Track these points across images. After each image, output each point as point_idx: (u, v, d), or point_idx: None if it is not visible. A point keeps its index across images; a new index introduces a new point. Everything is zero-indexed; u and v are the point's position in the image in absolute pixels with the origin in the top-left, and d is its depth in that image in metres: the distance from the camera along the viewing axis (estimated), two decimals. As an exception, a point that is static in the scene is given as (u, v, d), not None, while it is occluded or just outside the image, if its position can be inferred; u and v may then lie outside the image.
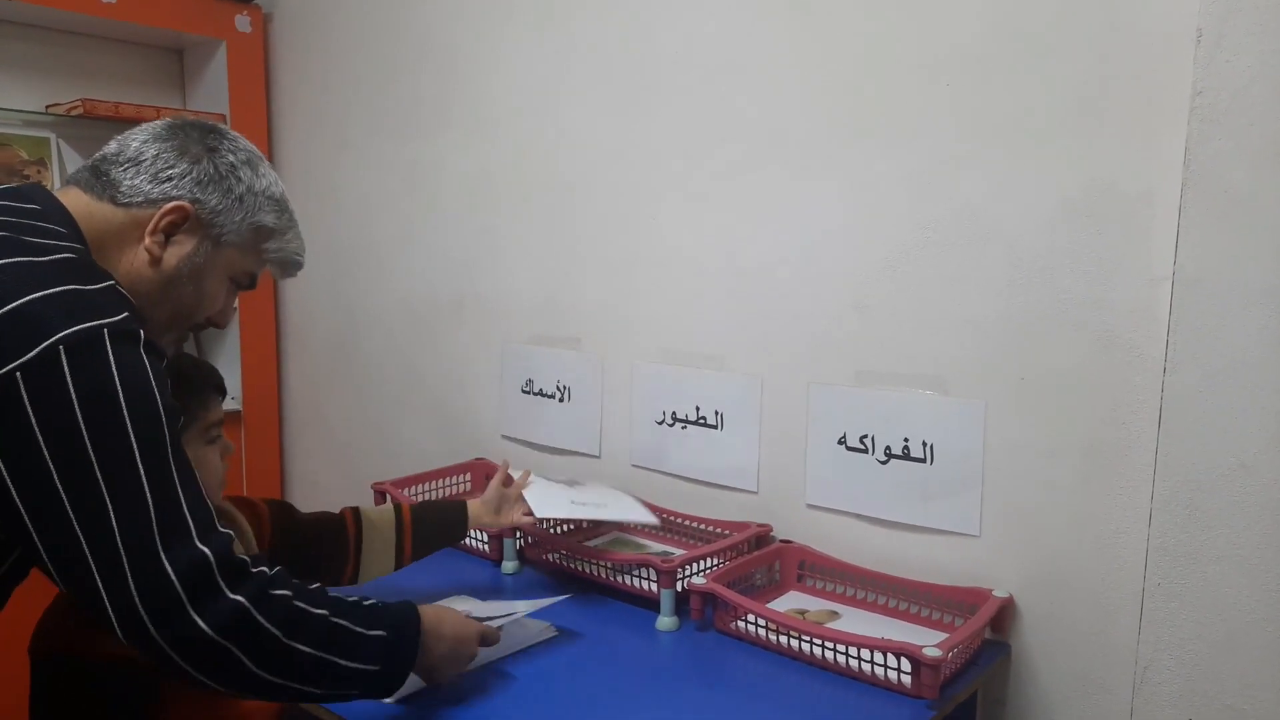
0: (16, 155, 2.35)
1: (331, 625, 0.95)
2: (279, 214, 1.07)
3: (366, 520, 1.37)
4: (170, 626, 0.84)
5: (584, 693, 1.21)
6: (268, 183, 1.05)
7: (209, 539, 0.87)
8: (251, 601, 0.88)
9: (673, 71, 1.68)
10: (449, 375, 2.20)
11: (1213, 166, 1.04)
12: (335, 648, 0.95)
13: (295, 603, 0.92)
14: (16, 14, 2.29)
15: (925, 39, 1.37)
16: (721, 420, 1.67)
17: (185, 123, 1.04)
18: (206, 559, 0.86)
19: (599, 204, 1.83)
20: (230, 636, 0.86)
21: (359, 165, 2.37)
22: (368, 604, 1.02)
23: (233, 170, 1.02)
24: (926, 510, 1.42)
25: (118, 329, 0.85)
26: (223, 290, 1.07)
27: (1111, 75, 1.22)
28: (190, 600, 0.84)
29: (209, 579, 0.86)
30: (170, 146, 1.00)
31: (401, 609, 1.06)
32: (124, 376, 0.84)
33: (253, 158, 1.06)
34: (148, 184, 0.98)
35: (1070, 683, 1.32)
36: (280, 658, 0.90)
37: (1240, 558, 1.06)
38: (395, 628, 1.02)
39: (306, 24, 2.50)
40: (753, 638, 1.34)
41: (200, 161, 1.01)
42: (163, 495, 0.85)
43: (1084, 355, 1.27)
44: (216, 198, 1.01)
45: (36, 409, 0.80)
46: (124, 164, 0.99)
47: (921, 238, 1.40)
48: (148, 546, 0.83)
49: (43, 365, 0.80)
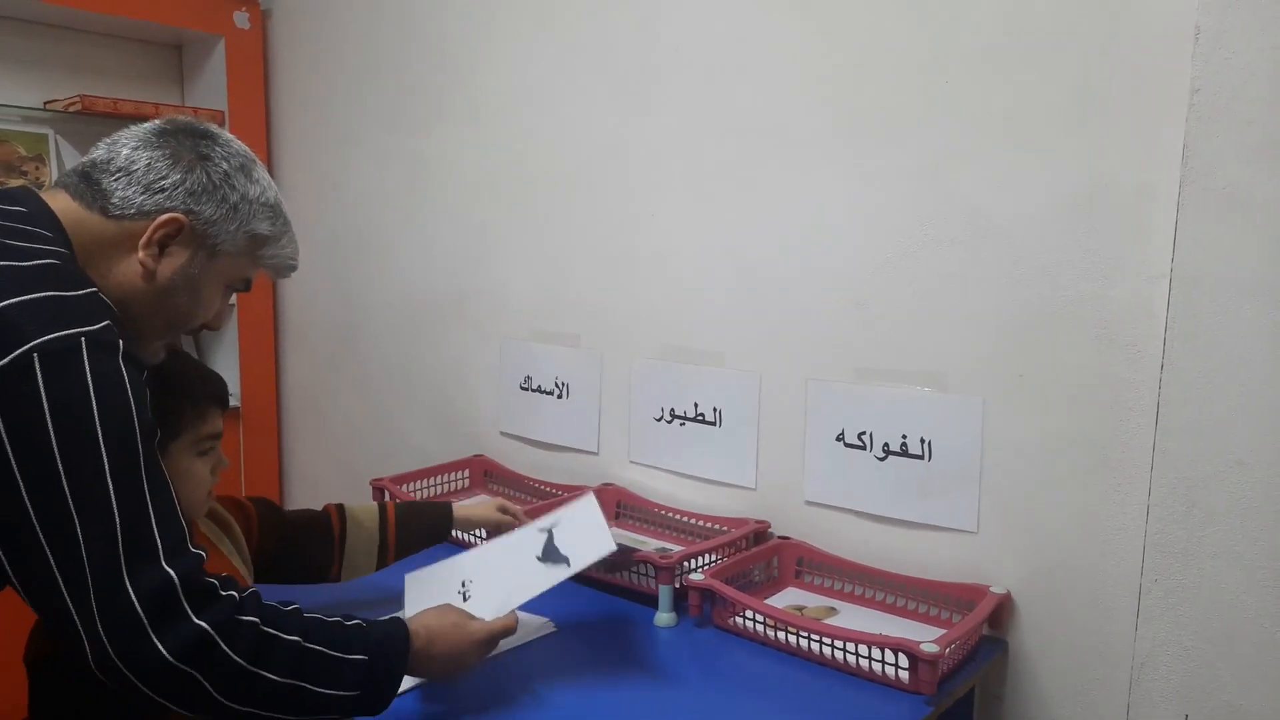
0: (15, 151, 2.35)
1: (304, 651, 0.92)
2: (273, 220, 1.04)
3: (351, 519, 1.36)
4: (132, 652, 0.82)
5: (582, 688, 1.21)
6: (261, 189, 1.03)
7: (176, 560, 0.85)
8: (216, 628, 0.86)
9: (673, 67, 1.68)
10: (448, 372, 2.20)
11: (1211, 164, 1.05)
12: (308, 675, 0.92)
13: (264, 629, 0.90)
14: (15, 9, 2.28)
15: (925, 36, 1.37)
16: (720, 417, 1.67)
17: (176, 127, 1.01)
18: (171, 582, 0.84)
19: (599, 200, 1.83)
20: (192, 663, 0.84)
21: (358, 161, 2.37)
22: (350, 625, 0.99)
23: (226, 179, 0.99)
24: (924, 507, 1.43)
25: (96, 338, 0.83)
26: (218, 296, 1.05)
27: (1110, 72, 1.22)
28: (152, 625, 0.82)
29: (173, 603, 0.84)
30: (162, 155, 0.97)
31: (389, 629, 1.03)
32: (99, 388, 0.82)
33: (246, 163, 1.02)
34: (140, 195, 0.95)
35: (1067, 678, 1.33)
36: (245, 686, 0.88)
37: (1237, 554, 1.06)
38: (379, 652, 0.99)
39: (305, 20, 2.49)
40: (751, 634, 1.34)
41: (193, 170, 0.97)
42: (132, 513, 0.83)
43: (1082, 352, 1.27)
44: (211, 208, 0.98)
45: (6, 417, 0.78)
46: (114, 173, 0.96)
47: (920, 234, 1.40)
48: (112, 569, 0.81)
49: (16, 372, 0.78)
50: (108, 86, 2.48)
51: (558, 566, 1.25)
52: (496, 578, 1.28)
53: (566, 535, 1.30)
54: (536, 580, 1.24)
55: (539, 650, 1.31)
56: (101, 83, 2.49)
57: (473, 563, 1.32)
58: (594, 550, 1.25)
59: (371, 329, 2.39)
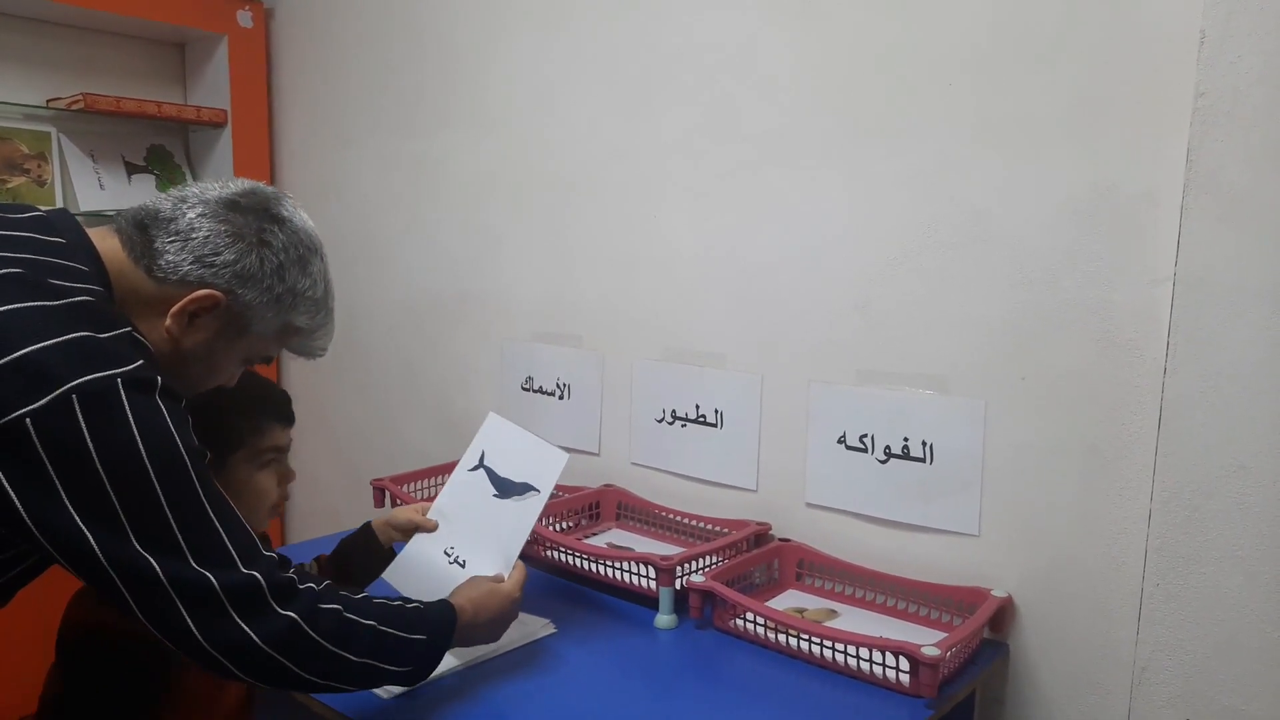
0: (17, 149, 2.35)
1: (379, 634, 0.98)
2: (313, 315, 1.04)
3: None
4: (225, 641, 0.86)
5: (582, 690, 1.21)
6: (311, 282, 1.01)
7: (255, 564, 0.88)
8: (303, 615, 0.90)
9: (676, 70, 1.68)
10: (449, 373, 2.20)
11: (1215, 168, 1.05)
12: (382, 654, 0.98)
13: (346, 614, 0.95)
14: (19, 7, 2.29)
15: (928, 40, 1.37)
16: (721, 419, 1.67)
17: (251, 202, 0.98)
18: (255, 581, 0.87)
19: (601, 202, 1.83)
20: (280, 649, 0.89)
21: (360, 162, 2.37)
22: (410, 607, 1.05)
23: (279, 270, 0.97)
24: (926, 510, 1.43)
25: (132, 377, 0.83)
26: (235, 368, 1.04)
27: (1114, 76, 1.22)
28: (242, 618, 0.86)
29: (259, 599, 0.88)
30: (224, 230, 0.95)
31: (440, 611, 1.09)
32: (141, 427, 0.82)
33: (306, 254, 1.00)
34: (188, 264, 0.93)
35: (1068, 682, 1.33)
36: (330, 665, 0.94)
37: (1239, 559, 1.06)
38: (434, 631, 1.05)
39: (308, 20, 2.49)
40: (751, 636, 1.34)
41: (249, 254, 0.95)
42: (199, 534, 0.85)
43: (1085, 356, 1.27)
44: (254, 294, 0.96)
45: (51, 454, 0.78)
46: (172, 235, 0.94)
47: (923, 237, 1.40)
48: (194, 580, 0.84)
49: (55, 413, 0.78)
50: (110, 85, 2.48)
51: (527, 497, 1.31)
52: (479, 536, 1.31)
53: (506, 463, 1.35)
54: (519, 520, 1.29)
55: (539, 651, 1.31)
56: (104, 81, 2.49)
57: (444, 533, 1.34)
58: (551, 467, 1.31)
59: (373, 329, 2.39)
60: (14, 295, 0.82)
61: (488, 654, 1.25)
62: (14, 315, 0.80)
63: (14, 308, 0.81)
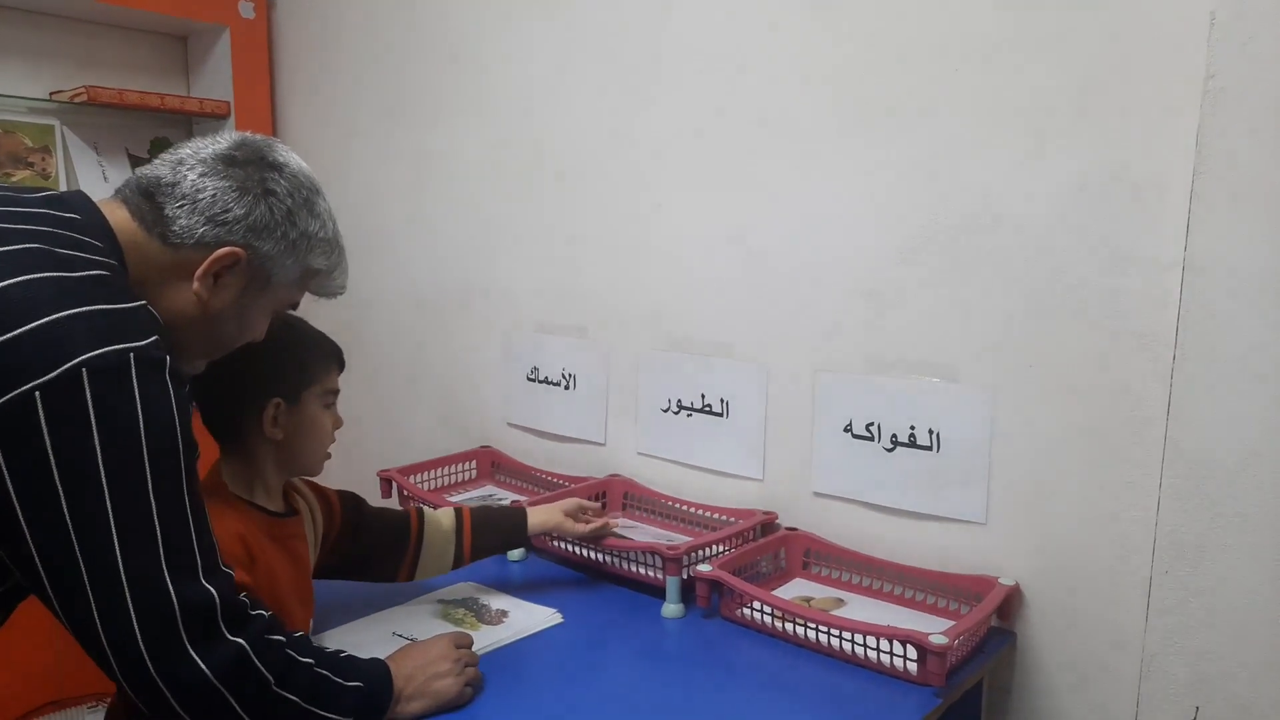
0: (21, 142, 2.35)
1: (316, 675, 0.95)
2: (329, 255, 1.06)
3: (430, 522, 1.38)
4: (169, 664, 0.83)
5: (589, 679, 1.21)
6: (321, 223, 1.04)
7: (214, 578, 0.86)
8: (251, 645, 0.88)
9: (680, 58, 1.67)
10: (455, 363, 2.20)
11: (1225, 152, 1.03)
12: (319, 699, 0.94)
13: (287, 650, 0.92)
14: (21, 0, 2.28)
15: (935, 23, 1.36)
16: (727, 408, 1.67)
17: (245, 154, 0.99)
18: (211, 598, 0.85)
19: (606, 192, 1.82)
20: (227, 681, 0.86)
21: (364, 153, 2.36)
22: (343, 656, 1.02)
23: (289, 216, 1.00)
24: (933, 498, 1.42)
25: (144, 354, 0.83)
26: (265, 320, 1.06)
27: (1123, 60, 1.21)
28: (190, 640, 0.84)
29: (211, 619, 0.85)
30: (229, 186, 0.96)
31: (371, 663, 1.05)
32: (146, 406, 0.82)
33: (310, 195, 1.04)
34: (201, 226, 0.95)
35: (1077, 671, 1.32)
36: (269, 705, 0.90)
37: (1250, 547, 1.06)
38: (370, 679, 1.02)
39: (311, 11, 2.48)
40: (758, 625, 1.34)
41: (258, 205, 0.97)
42: (174, 529, 0.84)
43: (1094, 342, 1.26)
44: (270, 244, 0.98)
45: (53, 430, 0.78)
46: (179, 199, 0.95)
47: (930, 225, 1.39)
48: (154, 579, 0.82)
49: (64, 386, 0.78)
50: (113, 77, 2.48)
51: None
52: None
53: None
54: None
55: (546, 641, 1.31)
56: (107, 74, 2.48)
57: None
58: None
59: (378, 321, 2.39)
60: (33, 266, 0.82)
61: (495, 645, 1.26)
62: (34, 285, 0.81)
63: (34, 277, 0.81)
